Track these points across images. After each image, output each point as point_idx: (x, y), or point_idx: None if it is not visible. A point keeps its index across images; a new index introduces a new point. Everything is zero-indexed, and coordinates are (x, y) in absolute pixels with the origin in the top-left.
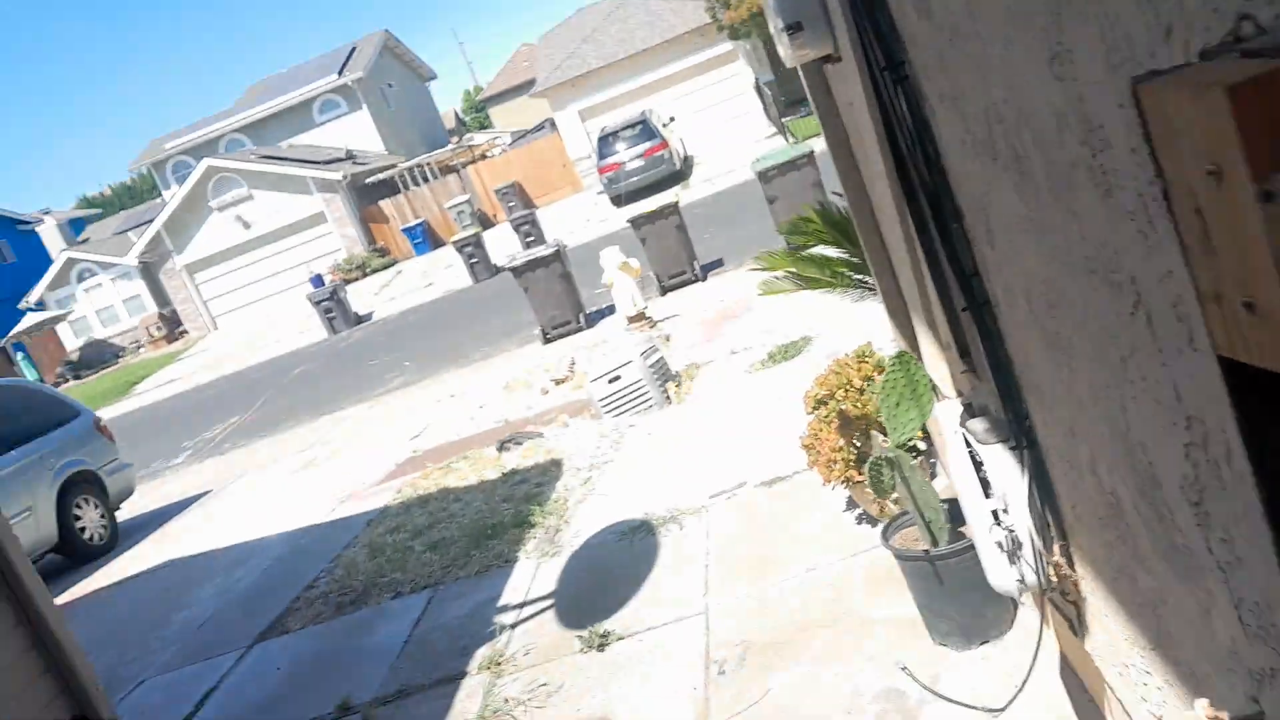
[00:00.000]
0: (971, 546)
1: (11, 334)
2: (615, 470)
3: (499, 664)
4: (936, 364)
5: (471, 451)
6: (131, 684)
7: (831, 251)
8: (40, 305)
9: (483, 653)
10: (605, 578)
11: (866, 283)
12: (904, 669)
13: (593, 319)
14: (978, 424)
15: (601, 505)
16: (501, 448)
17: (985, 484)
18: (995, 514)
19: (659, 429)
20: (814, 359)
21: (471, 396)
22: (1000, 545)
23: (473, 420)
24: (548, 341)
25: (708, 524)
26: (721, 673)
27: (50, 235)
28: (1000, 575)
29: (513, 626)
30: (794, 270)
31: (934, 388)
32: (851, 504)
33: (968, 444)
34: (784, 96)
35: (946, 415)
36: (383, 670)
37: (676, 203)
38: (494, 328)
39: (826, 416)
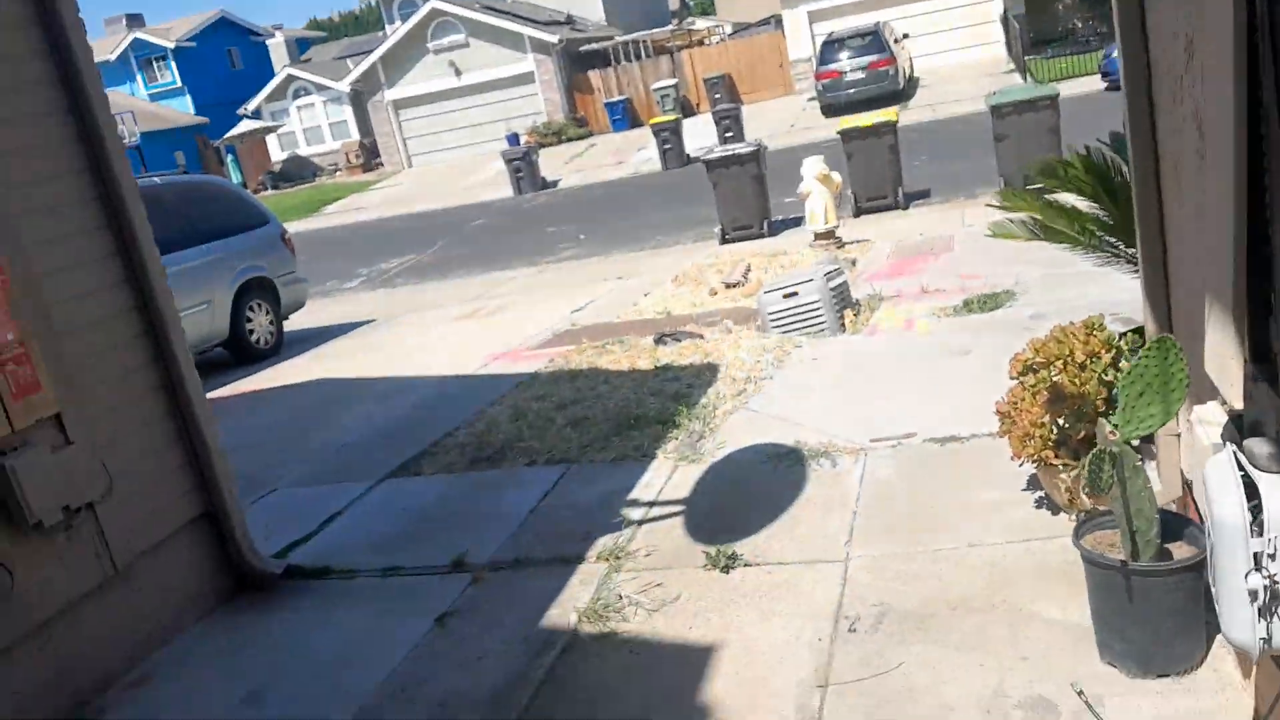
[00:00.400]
0: (1179, 569)
1: (227, 136)
2: (772, 388)
3: (619, 558)
4: (1211, 359)
5: (628, 337)
6: (264, 490)
7: (1082, 204)
8: (257, 114)
9: (604, 542)
10: (742, 498)
11: (1118, 248)
12: (1079, 692)
13: (776, 228)
14: (1261, 445)
15: (751, 421)
16: (659, 340)
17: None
18: (1258, 557)
19: (827, 355)
20: (1015, 316)
21: (638, 282)
22: (1253, 595)
23: (635, 306)
24: (725, 242)
25: (864, 468)
26: (852, 630)
27: (277, 50)
28: (1241, 627)
29: (639, 523)
30: (1038, 216)
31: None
32: (1033, 484)
33: (1239, 464)
34: (1032, 33)
35: (1203, 421)
36: (503, 535)
37: (894, 121)
38: (674, 218)
39: (1035, 386)
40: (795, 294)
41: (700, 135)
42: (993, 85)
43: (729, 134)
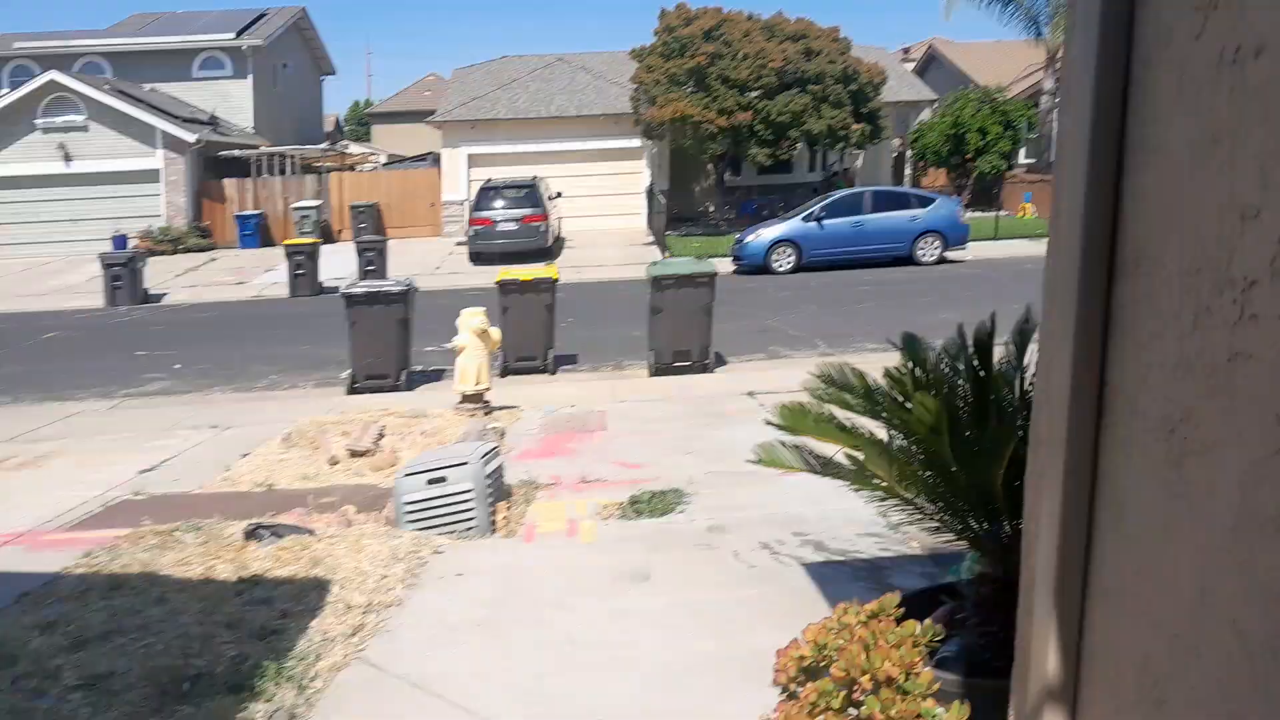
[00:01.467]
0: None
1: None
2: (403, 625)
3: None
4: None
5: (210, 521)
6: None
7: (873, 428)
8: None
9: None
10: None
11: (963, 527)
12: None
13: (414, 380)
14: None
15: (371, 688)
16: (251, 534)
17: None
18: None
19: (477, 571)
20: (691, 526)
21: (239, 435)
22: None
23: (228, 472)
24: (354, 391)
25: None
26: None
27: None
28: None
29: None
30: (855, 453)
31: None
32: None
33: None
34: (676, 210)
35: None
36: None
37: (555, 279)
38: (295, 356)
39: (819, 704)
40: (443, 479)
41: (338, 264)
42: (635, 254)
43: (370, 267)
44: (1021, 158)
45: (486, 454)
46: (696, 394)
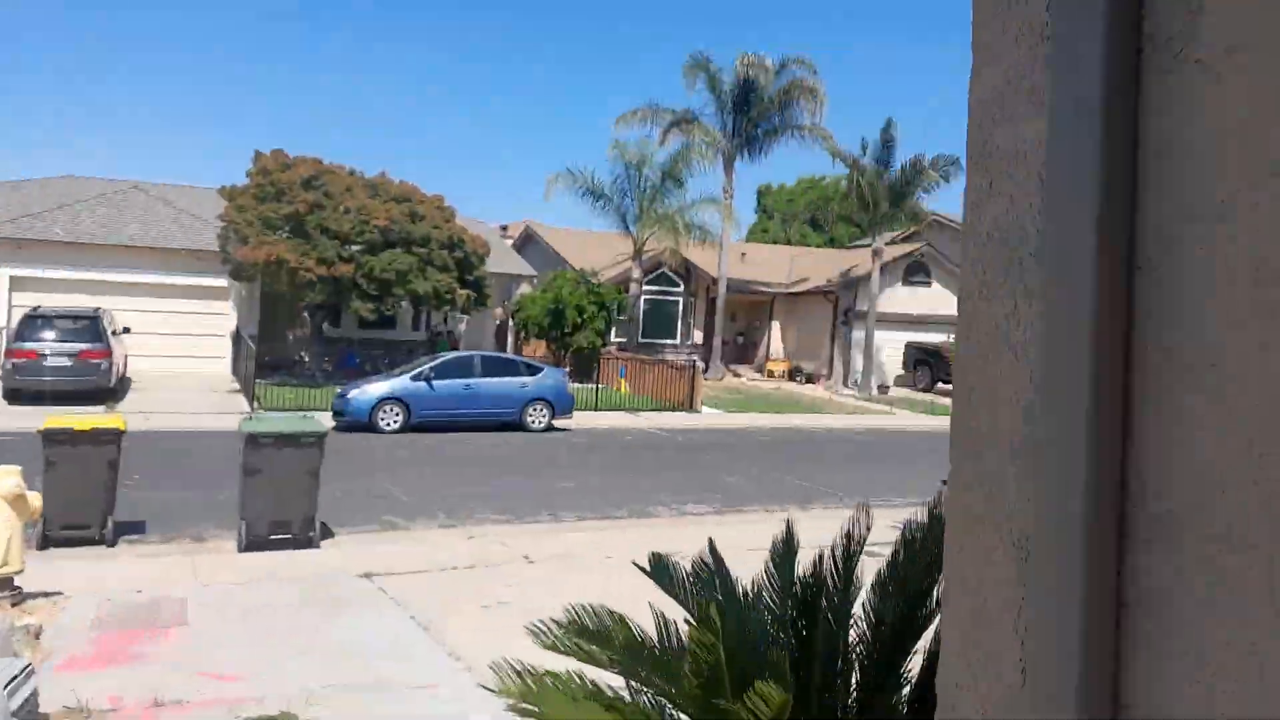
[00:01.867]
0: None
1: None
2: None
3: None
4: None
5: None
6: None
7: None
8: None
9: None
10: None
11: None
12: None
13: None
14: None
15: None
16: None
17: None
18: None
19: None
20: None
21: None
22: None
23: None
24: None
25: None
26: None
27: None
28: None
29: None
30: None
31: None
32: None
33: None
34: (267, 356)
35: None
36: None
37: (121, 429)
38: None
39: None
40: None
41: None
42: (218, 402)
43: None
44: (613, 336)
45: (13, 678)
46: (302, 575)
